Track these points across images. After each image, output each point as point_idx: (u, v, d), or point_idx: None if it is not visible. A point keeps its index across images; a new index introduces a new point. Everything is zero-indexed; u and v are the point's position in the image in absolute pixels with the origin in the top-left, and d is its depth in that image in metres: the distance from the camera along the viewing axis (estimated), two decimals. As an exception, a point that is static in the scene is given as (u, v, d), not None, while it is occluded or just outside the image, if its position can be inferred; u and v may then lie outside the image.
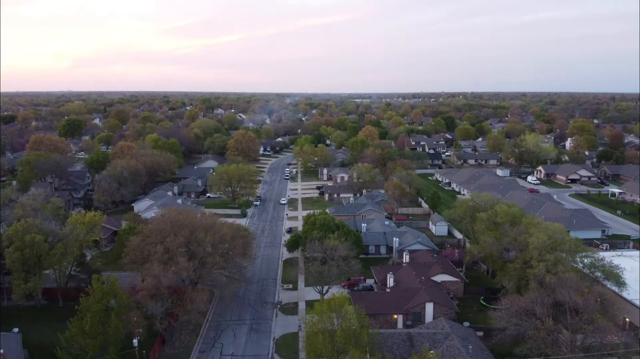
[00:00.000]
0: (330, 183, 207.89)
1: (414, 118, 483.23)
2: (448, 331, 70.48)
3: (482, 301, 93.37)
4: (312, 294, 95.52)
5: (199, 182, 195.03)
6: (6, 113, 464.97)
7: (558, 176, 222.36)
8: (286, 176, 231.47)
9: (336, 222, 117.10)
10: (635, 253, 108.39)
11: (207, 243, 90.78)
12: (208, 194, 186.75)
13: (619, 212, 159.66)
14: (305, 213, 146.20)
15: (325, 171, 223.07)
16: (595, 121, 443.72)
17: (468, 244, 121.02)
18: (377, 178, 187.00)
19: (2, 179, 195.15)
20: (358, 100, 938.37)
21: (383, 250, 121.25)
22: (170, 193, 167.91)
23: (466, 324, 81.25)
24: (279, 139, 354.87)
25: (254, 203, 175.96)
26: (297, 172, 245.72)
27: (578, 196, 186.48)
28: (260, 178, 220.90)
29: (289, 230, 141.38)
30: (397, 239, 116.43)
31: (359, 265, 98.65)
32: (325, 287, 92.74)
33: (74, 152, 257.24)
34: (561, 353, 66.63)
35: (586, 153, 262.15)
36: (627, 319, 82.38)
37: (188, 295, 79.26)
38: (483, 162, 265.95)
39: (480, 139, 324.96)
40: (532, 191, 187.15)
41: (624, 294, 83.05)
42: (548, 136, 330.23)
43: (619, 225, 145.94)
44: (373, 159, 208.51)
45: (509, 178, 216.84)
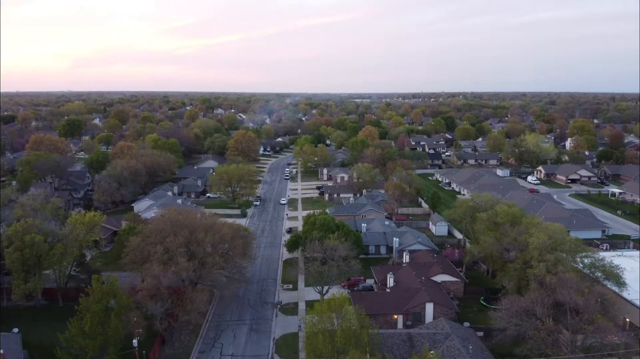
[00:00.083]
0: (330, 183, 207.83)
1: (414, 118, 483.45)
2: (448, 331, 70.43)
3: (482, 301, 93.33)
4: (312, 294, 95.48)
5: (199, 182, 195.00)
6: (6, 113, 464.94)
7: (558, 176, 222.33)
8: (286, 176, 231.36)
9: (336, 222, 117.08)
10: (635, 253, 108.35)
11: (207, 243, 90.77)
12: (208, 194, 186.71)
13: (619, 212, 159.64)
14: (305, 213, 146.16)
15: (325, 171, 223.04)
16: (595, 121, 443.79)
17: (468, 244, 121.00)
18: (377, 178, 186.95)
19: (2, 179, 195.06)
20: (358, 100, 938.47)
21: (383, 250, 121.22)
22: (170, 193, 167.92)
23: (466, 324, 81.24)
24: (279, 139, 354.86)
25: (254, 203, 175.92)
26: (297, 172, 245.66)
27: (578, 196, 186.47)
28: (260, 178, 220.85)
29: (289, 230, 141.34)
30: (397, 239, 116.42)
31: (359, 265, 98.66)
32: (325, 287, 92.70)
33: (74, 152, 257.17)
34: (561, 354, 66.58)
35: (586, 153, 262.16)
36: (628, 319, 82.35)
37: (188, 295, 79.21)
38: (483, 162, 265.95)
39: (480, 139, 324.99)
40: (532, 191, 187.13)
41: (624, 294, 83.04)
42: (548, 136, 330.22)
43: (619, 225, 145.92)
44: (373, 159, 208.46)
45: (509, 178, 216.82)
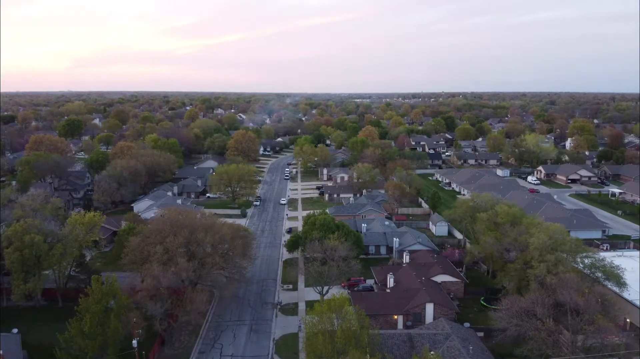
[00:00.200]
0: (330, 183, 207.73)
1: (414, 118, 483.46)
2: (448, 331, 70.33)
3: (483, 301, 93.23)
4: (312, 294, 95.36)
5: (199, 182, 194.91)
6: (6, 113, 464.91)
7: (558, 176, 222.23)
8: (286, 176, 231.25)
9: (336, 222, 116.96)
10: (635, 254, 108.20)
11: (207, 244, 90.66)
12: (208, 194, 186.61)
13: (619, 212, 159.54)
14: (305, 213, 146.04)
15: (325, 171, 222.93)
16: (595, 121, 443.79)
17: (468, 244, 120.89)
18: (377, 178, 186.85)
19: (2, 179, 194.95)
20: (358, 100, 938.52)
21: (383, 250, 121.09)
22: (170, 193, 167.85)
23: (466, 324, 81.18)
24: (279, 139, 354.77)
25: (254, 203, 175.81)
26: (297, 172, 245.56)
27: (578, 196, 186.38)
28: (260, 178, 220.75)
29: (289, 230, 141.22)
30: (397, 239, 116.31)
31: (359, 266, 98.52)
32: (325, 287, 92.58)
33: (74, 152, 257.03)
34: (562, 354, 66.47)
35: (586, 153, 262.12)
36: (628, 319, 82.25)
37: (188, 296, 79.07)
38: (483, 162, 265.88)
39: (480, 139, 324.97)
40: (532, 191, 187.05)
41: (625, 294, 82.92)
42: (548, 136, 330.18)
43: (619, 225, 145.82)
44: (373, 159, 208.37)
45: (509, 178, 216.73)
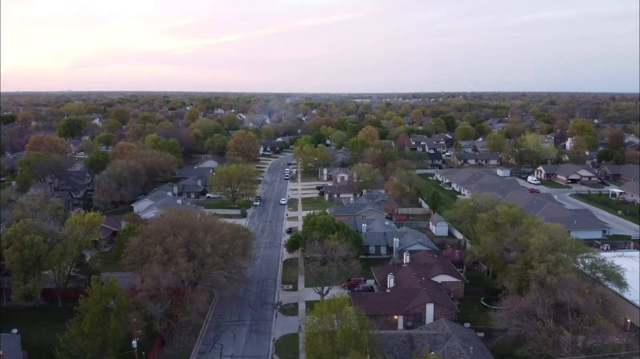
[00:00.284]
0: (330, 183, 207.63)
1: (414, 118, 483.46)
2: (449, 332, 70.23)
3: (483, 301, 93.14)
4: (312, 295, 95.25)
5: (199, 182, 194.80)
6: (6, 113, 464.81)
7: (558, 176, 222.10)
8: (286, 176, 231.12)
9: (336, 222, 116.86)
10: (635, 254, 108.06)
11: (207, 244, 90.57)
12: (208, 194, 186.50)
13: (620, 212, 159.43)
14: (305, 213, 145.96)
15: (325, 171, 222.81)
16: (595, 121, 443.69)
17: (468, 244, 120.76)
18: (377, 178, 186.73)
19: (2, 179, 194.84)
20: (358, 100, 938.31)
21: (383, 251, 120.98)
22: (170, 193, 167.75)
23: (467, 325, 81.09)
24: (279, 139, 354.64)
25: (254, 203, 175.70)
26: (297, 172, 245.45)
27: (578, 196, 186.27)
28: (260, 178, 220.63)
29: (289, 231, 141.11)
30: (398, 239, 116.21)
31: (359, 266, 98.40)
32: (325, 288, 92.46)
33: (74, 152, 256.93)
34: (562, 354, 66.38)
35: (586, 153, 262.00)
36: (629, 320, 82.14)
37: (187, 296, 78.99)
38: (483, 162, 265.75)
39: (480, 139, 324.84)
40: (533, 191, 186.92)
41: (625, 295, 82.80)
42: (548, 136, 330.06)
43: (620, 225, 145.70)
44: (373, 159, 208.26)
45: (509, 178, 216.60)
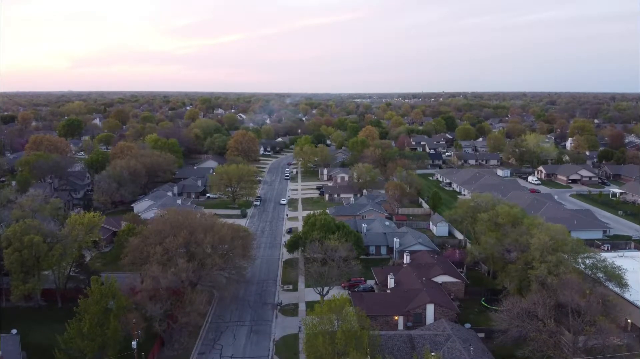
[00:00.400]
0: (330, 183, 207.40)
1: (414, 118, 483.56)
2: (449, 332, 70.04)
3: (483, 302, 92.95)
4: (312, 295, 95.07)
5: (199, 182, 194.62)
6: (6, 113, 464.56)
7: (559, 176, 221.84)
8: (286, 176, 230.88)
9: (336, 223, 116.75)
10: (636, 254, 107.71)
11: (207, 244, 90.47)
12: (208, 194, 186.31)
13: (620, 212, 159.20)
14: (305, 213, 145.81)
15: (325, 171, 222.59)
16: (595, 121, 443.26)
17: (469, 245, 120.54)
18: (378, 178, 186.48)
19: (2, 179, 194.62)
20: (358, 100, 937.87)
21: (383, 251, 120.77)
22: (170, 193, 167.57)
23: (467, 325, 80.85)
24: (279, 139, 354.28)
25: (254, 203, 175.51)
26: (297, 172, 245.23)
27: (579, 196, 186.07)
28: (260, 178, 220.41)
29: (289, 231, 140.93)
30: (398, 240, 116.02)
31: (359, 266, 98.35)
32: (325, 288, 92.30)
33: (74, 152, 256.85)
34: (563, 355, 66.14)
35: (587, 153, 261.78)
36: (629, 320, 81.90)
37: (187, 296, 78.82)
38: (483, 162, 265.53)
39: (480, 139, 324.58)
40: (533, 191, 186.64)
41: (626, 295, 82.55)
42: (548, 136, 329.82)
43: (620, 226, 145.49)
44: (373, 159, 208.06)
45: (510, 178, 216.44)
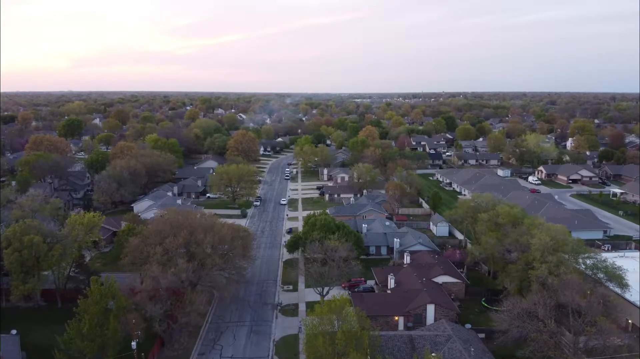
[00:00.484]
0: (330, 183, 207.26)
1: (415, 118, 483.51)
2: (450, 333, 69.90)
3: (484, 302, 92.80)
4: (313, 295, 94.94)
5: (199, 182, 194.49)
6: (6, 113, 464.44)
7: (559, 176, 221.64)
8: (286, 176, 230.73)
9: (336, 223, 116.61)
10: (636, 254, 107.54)
11: (207, 244, 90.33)
12: (208, 194, 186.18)
13: (621, 213, 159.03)
14: (305, 213, 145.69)
15: (325, 171, 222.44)
16: (595, 121, 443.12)
17: (469, 245, 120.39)
18: (378, 178, 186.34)
19: (2, 179, 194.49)
20: (358, 100, 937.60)
21: (384, 251, 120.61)
22: (170, 193, 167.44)
23: (468, 326, 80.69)
24: (279, 139, 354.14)
25: (254, 203, 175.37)
26: (298, 172, 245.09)
27: (579, 196, 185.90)
28: (260, 178, 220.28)
29: (289, 231, 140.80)
30: (398, 240, 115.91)
31: (360, 266, 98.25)
32: (325, 288, 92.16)
33: (74, 152, 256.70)
34: (564, 356, 65.98)
35: (587, 153, 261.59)
36: (630, 321, 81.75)
37: (187, 297, 78.66)
38: (484, 162, 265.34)
39: (480, 139, 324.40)
40: (534, 191, 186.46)
41: (627, 295, 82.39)
42: (549, 136, 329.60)
43: (621, 226, 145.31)
44: (373, 159, 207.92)
45: (510, 178, 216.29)
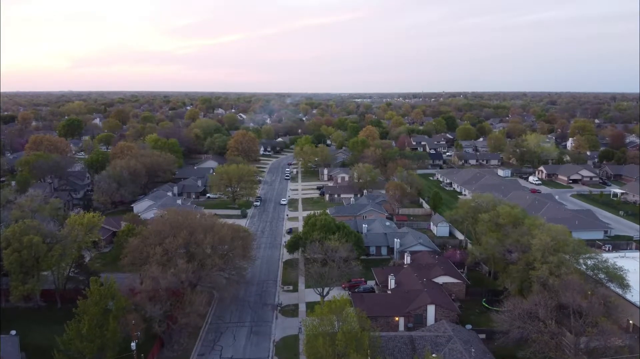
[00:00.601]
0: (330, 183, 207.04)
1: (415, 118, 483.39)
2: (450, 334, 69.69)
3: (484, 302, 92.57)
4: (313, 296, 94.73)
5: (199, 182, 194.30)
6: (6, 113, 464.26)
7: (560, 176, 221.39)
8: (286, 176, 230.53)
9: (337, 223, 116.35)
10: (637, 254, 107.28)
11: (207, 245, 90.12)
12: (208, 194, 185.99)
13: (621, 213, 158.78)
14: (305, 213, 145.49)
15: (325, 171, 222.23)
16: (596, 121, 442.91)
17: (470, 245, 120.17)
18: (378, 178, 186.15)
19: (2, 179, 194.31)
20: (358, 100, 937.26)
21: (384, 251, 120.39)
22: (170, 193, 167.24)
23: (468, 326, 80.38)
24: (279, 139, 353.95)
25: (254, 203, 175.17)
26: (298, 172, 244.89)
27: (580, 196, 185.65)
28: (260, 178, 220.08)
29: (289, 231, 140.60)
30: (398, 240, 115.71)
31: (360, 267, 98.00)
32: (325, 289, 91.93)
33: (74, 152, 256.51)
34: (565, 357, 65.74)
35: (587, 153, 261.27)
36: (631, 321, 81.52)
37: (187, 297, 78.48)
38: (484, 162, 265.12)
39: (481, 139, 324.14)
40: (534, 191, 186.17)
41: (627, 296, 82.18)
42: (549, 136, 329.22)
43: (621, 226, 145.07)
44: (374, 159, 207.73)
45: (510, 178, 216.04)
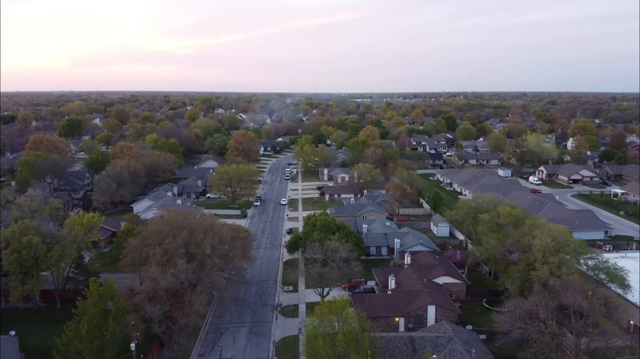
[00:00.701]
0: (330, 183, 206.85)
1: (415, 118, 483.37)
2: (451, 334, 69.48)
3: (485, 303, 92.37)
4: (313, 296, 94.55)
5: (199, 182, 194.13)
6: (6, 113, 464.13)
7: (560, 176, 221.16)
8: (286, 176, 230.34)
9: (337, 223, 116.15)
10: (637, 255, 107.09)
11: (207, 245, 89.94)
12: (208, 194, 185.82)
13: (622, 213, 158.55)
14: (305, 213, 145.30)
15: (325, 171, 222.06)
16: (596, 121, 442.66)
17: (470, 245, 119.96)
18: (378, 178, 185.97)
19: (2, 179, 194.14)
20: (359, 100, 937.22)
21: (384, 252, 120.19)
22: (170, 193, 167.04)
23: (469, 327, 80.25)
24: (279, 139, 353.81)
25: (254, 203, 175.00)
26: (298, 172, 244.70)
27: (580, 196, 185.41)
28: (260, 178, 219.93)
29: (289, 231, 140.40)
30: (399, 240, 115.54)
31: (360, 267, 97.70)
32: (325, 289, 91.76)
33: (74, 152, 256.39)
34: (566, 357, 65.55)
35: (588, 153, 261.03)
36: (632, 322, 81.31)
37: (187, 298, 78.33)
38: (484, 162, 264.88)
39: (481, 139, 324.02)
40: (534, 191, 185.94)
41: (628, 296, 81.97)
42: (549, 136, 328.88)
43: (622, 226, 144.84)
44: (374, 159, 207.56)
45: (511, 178, 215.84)
